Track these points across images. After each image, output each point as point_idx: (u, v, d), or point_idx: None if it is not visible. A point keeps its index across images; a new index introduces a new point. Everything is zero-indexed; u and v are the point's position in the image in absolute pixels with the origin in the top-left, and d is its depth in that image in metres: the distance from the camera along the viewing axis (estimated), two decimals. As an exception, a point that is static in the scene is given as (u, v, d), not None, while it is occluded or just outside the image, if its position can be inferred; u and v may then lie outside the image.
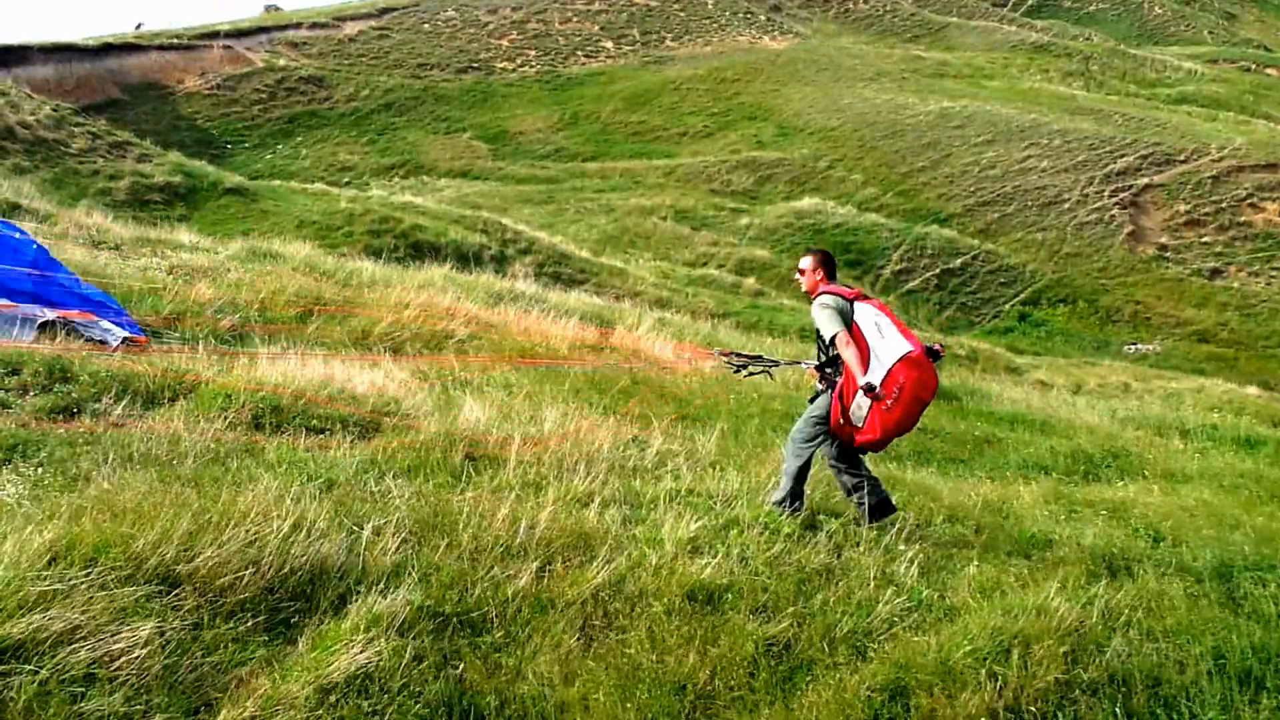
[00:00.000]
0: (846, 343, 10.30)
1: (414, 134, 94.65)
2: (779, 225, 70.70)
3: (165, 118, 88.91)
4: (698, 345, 24.52)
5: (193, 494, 8.66)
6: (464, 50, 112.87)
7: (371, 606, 7.50)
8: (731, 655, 7.82)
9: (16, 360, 12.71)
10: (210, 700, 6.56)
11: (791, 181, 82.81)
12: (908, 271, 67.10)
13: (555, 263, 46.61)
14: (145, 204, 44.75)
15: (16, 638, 6.44)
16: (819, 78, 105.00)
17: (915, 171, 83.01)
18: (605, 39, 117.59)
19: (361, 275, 25.78)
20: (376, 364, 16.11)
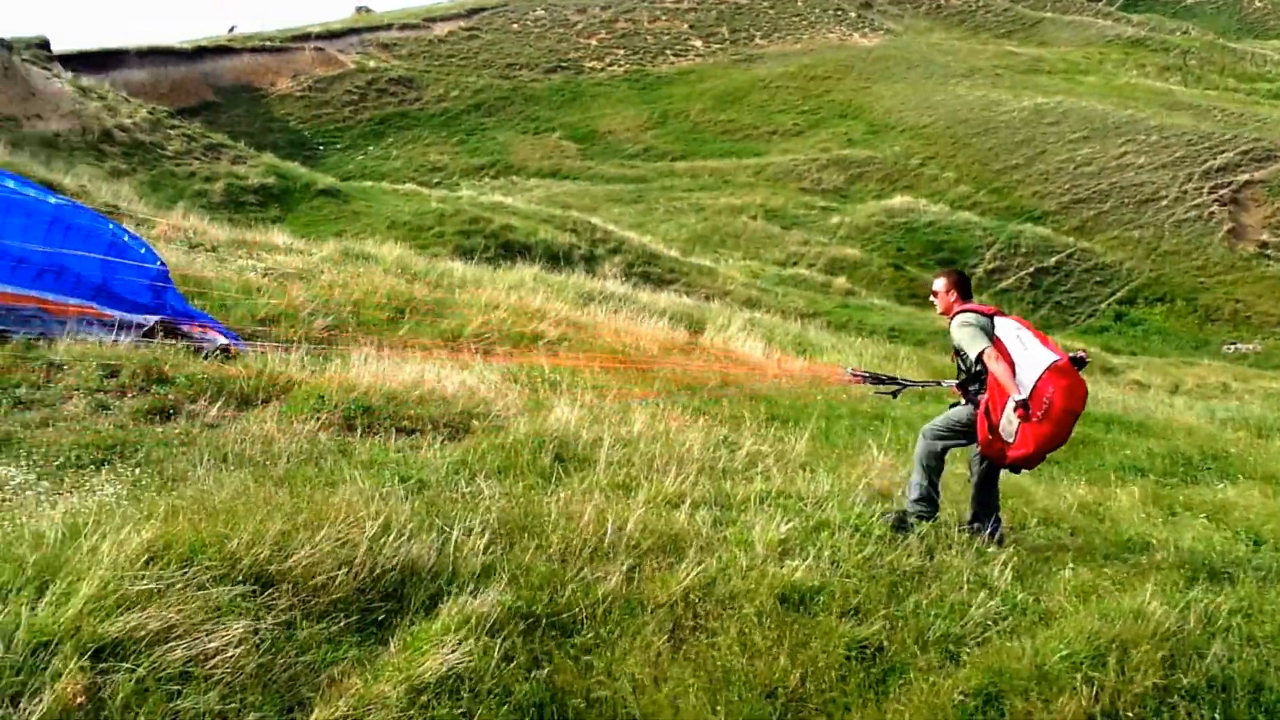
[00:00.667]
0: (996, 357, 10.19)
1: (503, 134, 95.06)
2: (870, 224, 70.38)
3: (258, 120, 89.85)
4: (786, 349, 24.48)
5: (286, 494, 8.76)
6: (553, 50, 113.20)
7: (462, 607, 7.55)
8: (822, 658, 7.80)
9: (115, 362, 12.92)
10: (303, 700, 6.65)
11: (883, 180, 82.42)
12: (1001, 270, 66.56)
13: (645, 262, 46.64)
14: (240, 206, 45.29)
15: (115, 636, 6.56)
16: (910, 74, 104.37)
17: (1009, 169, 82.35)
18: (694, 37, 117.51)
19: (452, 276, 25.95)
20: (467, 365, 16.22)
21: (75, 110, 51.93)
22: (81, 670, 6.25)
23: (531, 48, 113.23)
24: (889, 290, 57.82)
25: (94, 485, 9.75)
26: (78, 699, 6.11)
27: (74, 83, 55.15)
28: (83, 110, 52.08)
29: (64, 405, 11.84)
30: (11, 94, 51.56)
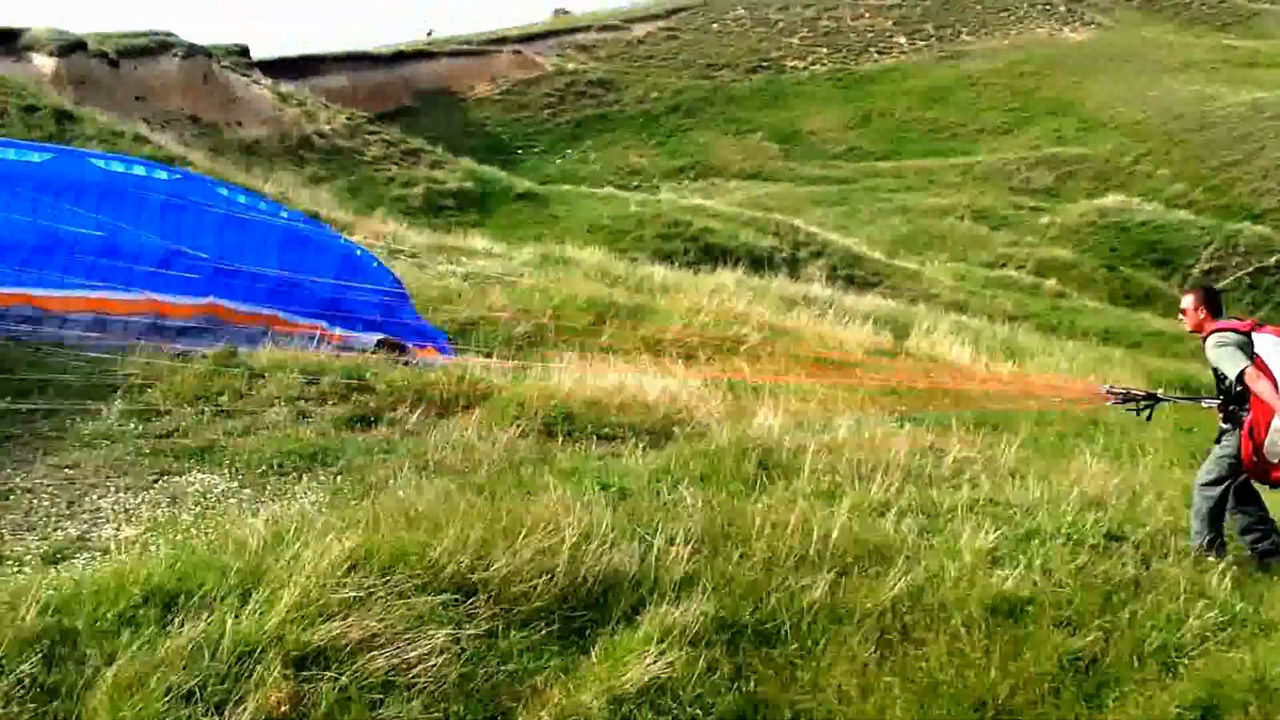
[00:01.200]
0: (1257, 376, 9.93)
1: (703, 135, 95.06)
2: (1081, 224, 68.98)
3: (456, 124, 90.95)
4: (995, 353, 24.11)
5: (486, 502, 8.85)
6: (754, 49, 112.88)
7: (664, 617, 7.55)
8: (1034, 670, 7.66)
9: (316, 370, 13.19)
10: (505, 709, 6.70)
11: (1094, 178, 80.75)
12: (1218, 270, 64.70)
13: (848, 265, 46.36)
14: (439, 210, 46.01)
15: (317, 644, 6.68)
16: (1122, 69, 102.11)
17: (1226, 166, 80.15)
18: (899, 34, 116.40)
19: (652, 280, 26.07)
20: (668, 371, 16.25)
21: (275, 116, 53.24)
22: (285, 679, 6.37)
23: (732, 47, 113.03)
24: (1101, 292, 56.64)
25: (295, 493, 9.97)
26: (281, 707, 6.22)
27: (273, 89, 56.54)
28: (282, 116, 53.38)
29: (265, 413, 12.12)
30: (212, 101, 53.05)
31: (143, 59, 52.95)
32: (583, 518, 8.52)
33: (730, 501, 10.07)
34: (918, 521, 10.18)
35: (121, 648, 6.46)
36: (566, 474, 10.49)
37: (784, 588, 8.30)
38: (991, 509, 10.74)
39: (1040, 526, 10.23)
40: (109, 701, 6.07)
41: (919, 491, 11.18)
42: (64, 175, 14.51)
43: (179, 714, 6.08)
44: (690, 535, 8.83)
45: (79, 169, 14.77)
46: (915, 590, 8.55)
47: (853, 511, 9.99)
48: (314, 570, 7.21)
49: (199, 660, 6.39)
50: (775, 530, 9.16)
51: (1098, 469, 13.05)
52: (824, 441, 12.44)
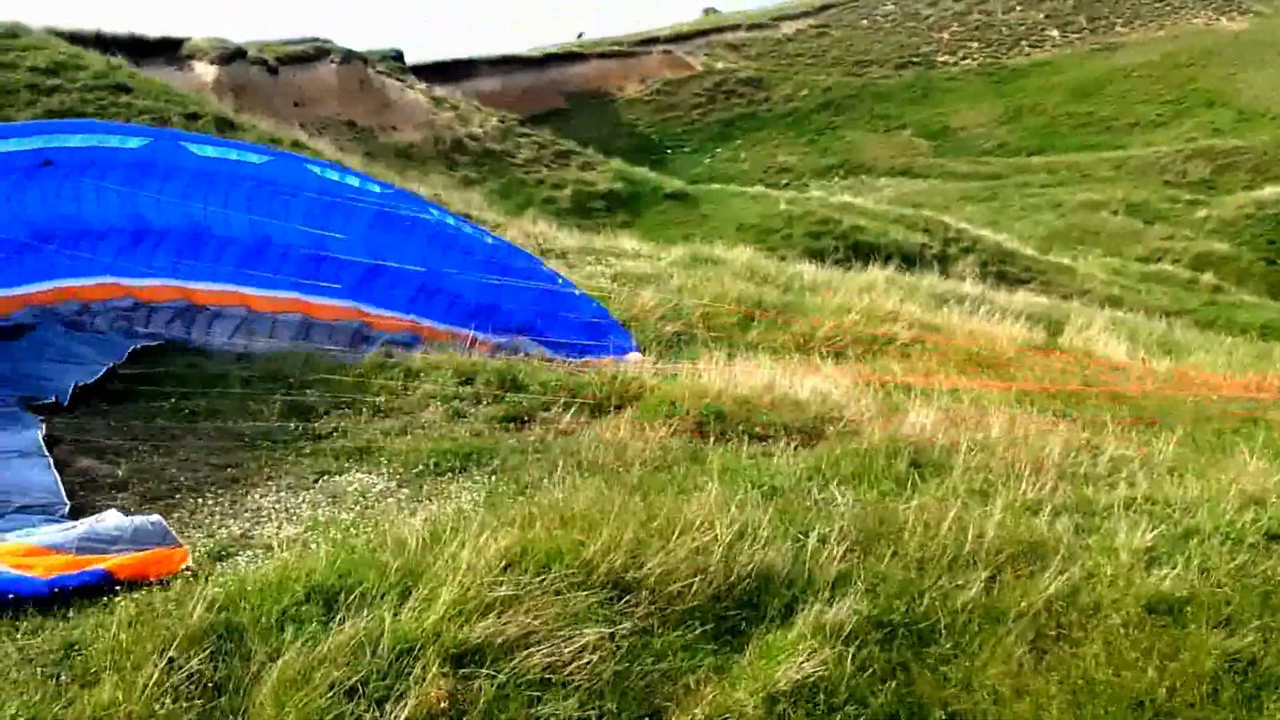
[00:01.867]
0: None
1: (852, 133, 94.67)
2: (1239, 217, 67.57)
3: (605, 125, 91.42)
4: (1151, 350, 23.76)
5: (639, 501, 8.91)
6: (903, 45, 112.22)
7: (818, 615, 7.57)
8: (1192, 671, 7.57)
9: (470, 370, 13.36)
10: (660, 707, 6.76)
11: (1253, 170, 79.06)
12: (1384, 264, 63.18)
13: (999, 261, 45.87)
14: (588, 211, 46.27)
15: (475, 641, 6.79)
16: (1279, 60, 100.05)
17: (1394, 154, 78.22)
18: (1050, 27, 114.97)
19: (801, 278, 26.01)
20: (819, 369, 16.21)
21: (428, 120, 53.88)
22: (443, 675, 6.48)
23: (881, 43, 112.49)
24: (1260, 286, 55.45)
25: (452, 492, 10.10)
26: (441, 704, 6.33)
27: (427, 93, 57.24)
28: (435, 120, 53.99)
29: (421, 413, 12.30)
30: (368, 106, 53.81)
31: (300, 66, 53.93)
32: (736, 517, 8.56)
33: (882, 500, 10.04)
34: (1073, 520, 10.08)
35: (286, 644, 6.64)
36: (719, 473, 10.51)
37: (937, 587, 8.28)
38: (1148, 507, 10.59)
39: (1199, 525, 10.07)
40: (274, 697, 6.23)
41: (1074, 490, 11.05)
42: (281, 179, 14.99)
43: (342, 710, 6.23)
44: (843, 534, 8.83)
45: (298, 173, 15.27)
46: (1071, 590, 8.48)
47: (1006, 510, 9.91)
48: (471, 569, 7.33)
49: (360, 657, 6.54)
50: (928, 529, 9.13)
51: (1258, 467, 12.80)
52: (977, 440, 12.34)
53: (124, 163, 13.95)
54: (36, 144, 12.87)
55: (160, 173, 14.22)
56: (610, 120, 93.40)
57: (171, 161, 14.27)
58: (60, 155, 13.27)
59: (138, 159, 13.98)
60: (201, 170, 14.47)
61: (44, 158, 12.95)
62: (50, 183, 13.31)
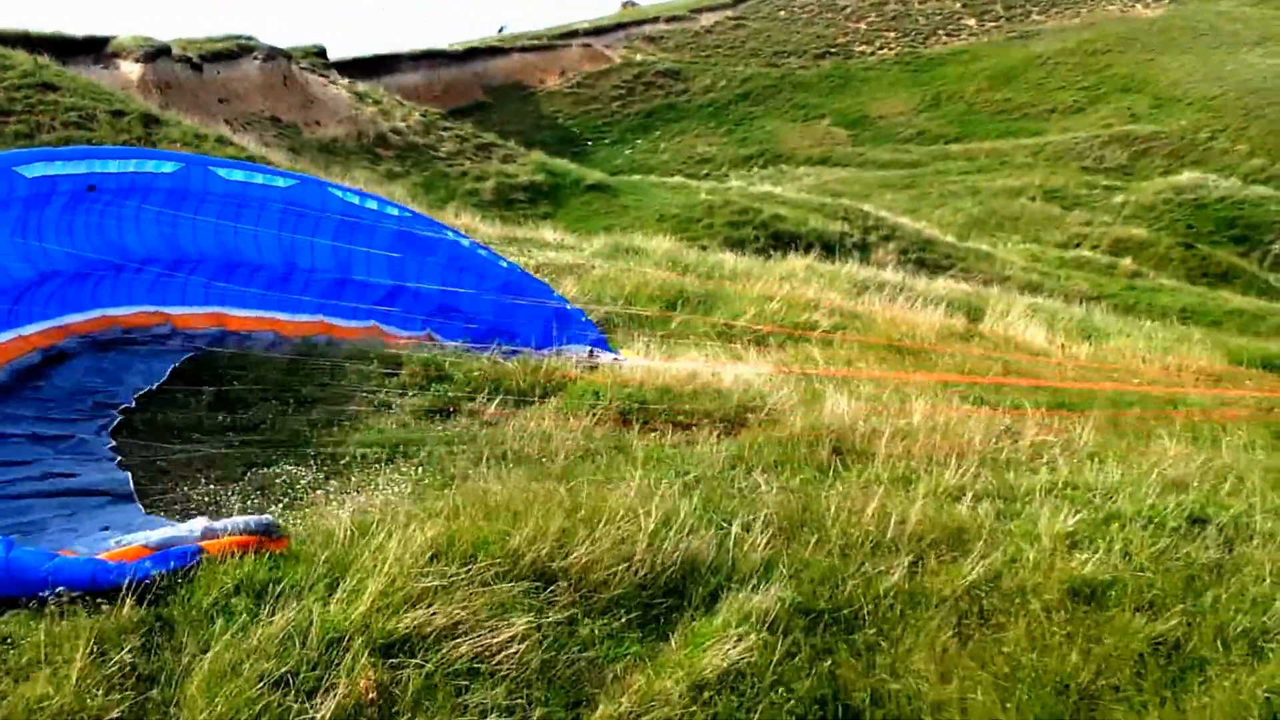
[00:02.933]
0: None
1: (771, 123, 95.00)
2: (1156, 202, 68.24)
3: (527, 117, 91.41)
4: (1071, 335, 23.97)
5: (564, 491, 8.90)
6: (821, 35, 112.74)
7: (743, 603, 7.60)
8: (1116, 654, 7.63)
9: (395, 361, 13.31)
10: (587, 696, 6.77)
11: (1169, 155, 79.96)
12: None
13: (919, 249, 46.12)
14: (510, 203, 46.18)
15: (403, 632, 6.79)
16: (1197, 45, 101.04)
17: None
18: (967, 16, 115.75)
19: (722, 268, 26.05)
20: (740, 358, 16.26)
21: (351, 115, 53.65)
22: (372, 666, 6.47)
23: (799, 34, 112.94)
24: (1179, 270, 56.04)
25: (379, 484, 10.07)
26: (369, 694, 6.32)
27: (350, 88, 57.00)
28: (358, 115, 53.77)
29: (347, 405, 12.24)
30: (291, 101, 53.53)
31: (225, 63, 53.63)
32: (660, 506, 8.57)
33: (805, 488, 10.09)
34: (995, 506, 10.14)
35: (216, 636, 6.63)
36: (642, 462, 10.52)
37: (861, 573, 8.32)
38: (1070, 492, 10.67)
39: (1120, 510, 10.14)
40: (205, 688, 6.22)
41: (996, 475, 11.12)
42: (306, 203, 14.96)
43: (271, 700, 6.21)
44: (767, 522, 8.87)
45: (321, 196, 15.22)
46: (994, 575, 8.53)
47: (928, 496, 9.98)
48: (398, 560, 7.33)
49: (290, 648, 6.54)
50: (851, 516, 9.18)
51: (1179, 451, 12.94)
52: (899, 427, 12.41)
53: (161, 188, 13.83)
54: (81, 169, 12.76)
55: (194, 198, 14.15)
56: (531, 113, 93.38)
57: (203, 187, 14.16)
58: (103, 181, 13.16)
59: (173, 184, 13.88)
60: (230, 194, 14.39)
61: (89, 183, 12.84)
62: (95, 209, 13.18)
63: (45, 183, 12.09)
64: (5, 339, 11.97)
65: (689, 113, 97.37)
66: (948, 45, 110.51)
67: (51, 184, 12.21)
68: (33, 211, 12.17)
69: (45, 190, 12.16)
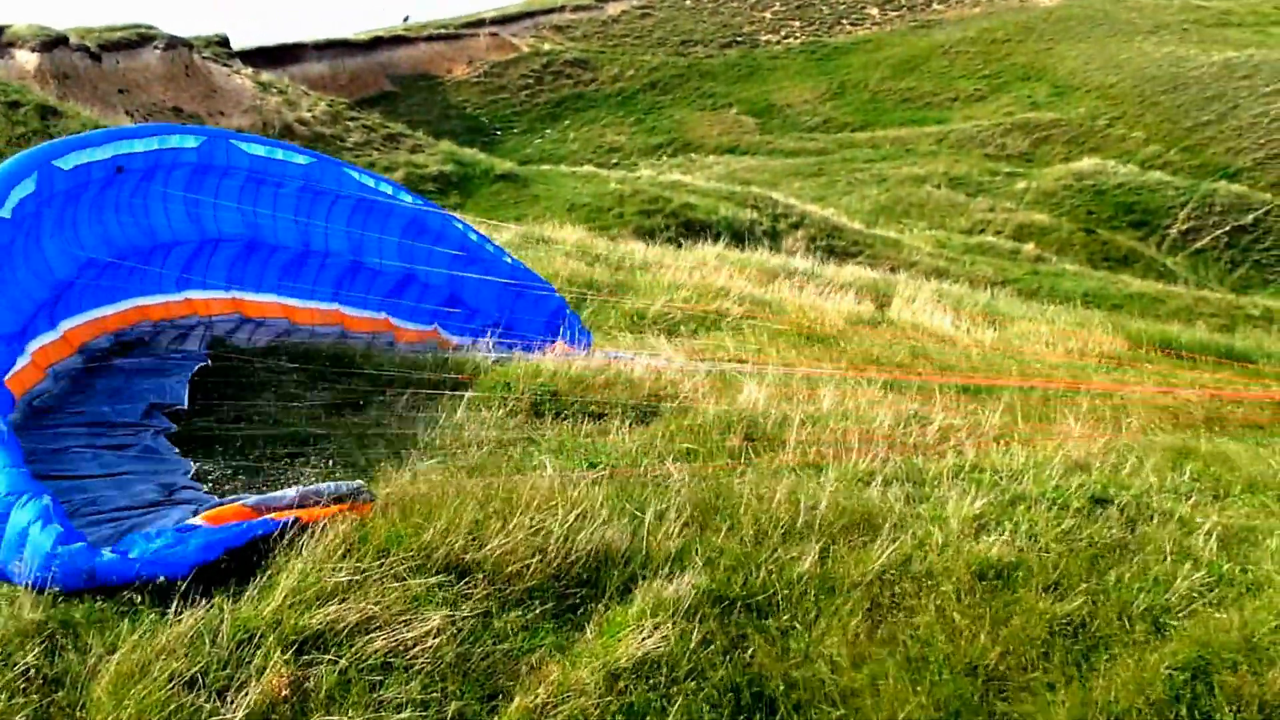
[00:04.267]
0: None
1: (680, 112, 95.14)
2: (1057, 188, 69.10)
3: (435, 107, 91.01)
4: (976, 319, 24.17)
5: (477, 483, 8.86)
6: (727, 25, 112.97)
7: (657, 592, 7.58)
8: (1023, 635, 7.70)
9: (305, 354, 13.20)
10: (503, 688, 6.74)
11: (1069, 142, 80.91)
12: (1196, 230, 64.87)
13: (828, 236, 46.37)
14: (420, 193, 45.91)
15: (316, 628, 6.73)
16: (1094, 33, 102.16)
17: (1200, 126, 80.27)
18: (870, 5, 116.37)
19: (633, 257, 26.08)
20: (651, 347, 16.26)
21: (256, 105, 53.17)
22: (285, 663, 6.41)
23: (706, 23, 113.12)
24: (1080, 255, 56.76)
25: (288, 478, 9.96)
26: (282, 691, 6.25)
27: (254, 78, 56.49)
28: (263, 105, 53.31)
29: (258, 399, 12.12)
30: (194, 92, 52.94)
31: (124, 52, 52.88)
32: (573, 496, 8.55)
33: (717, 476, 10.10)
34: (904, 490, 10.21)
35: (123, 637, 6.52)
36: (555, 452, 10.52)
37: (774, 559, 8.33)
38: (977, 476, 10.76)
39: (1025, 492, 10.24)
40: (112, 690, 6.12)
41: (904, 460, 11.20)
42: (324, 181, 15.04)
43: (182, 701, 6.13)
44: (679, 510, 8.85)
45: (337, 176, 15.28)
46: (903, 559, 8.57)
47: (839, 482, 10.03)
48: (310, 555, 7.25)
49: (200, 647, 6.46)
50: (762, 502, 9.18)
51: (1082, 433, 13.09)
52: (809, 413, 12.46)
53: (186, 163, 13.74)
54: (109, 153, 12.56)
55: (217, 173, 14.09)
56: (439, 103, 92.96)
57: (225, 161, 14.11)
58: (131, 162, 12.92)
59: (199, 160, 13.82)
60: (253, 169, 14.37)
61: (117, 164, 12.63)
62: (124, 192, 12.94)
63: (82, 172, 11.87)
64: (49, 340, 11.71)
65: (598, 102, 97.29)
66: (852, 34, 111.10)
67: (87, 172, 11.98)
68: (69, 205, 11.95)
69: (82, 180, 11.93)
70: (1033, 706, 7.13)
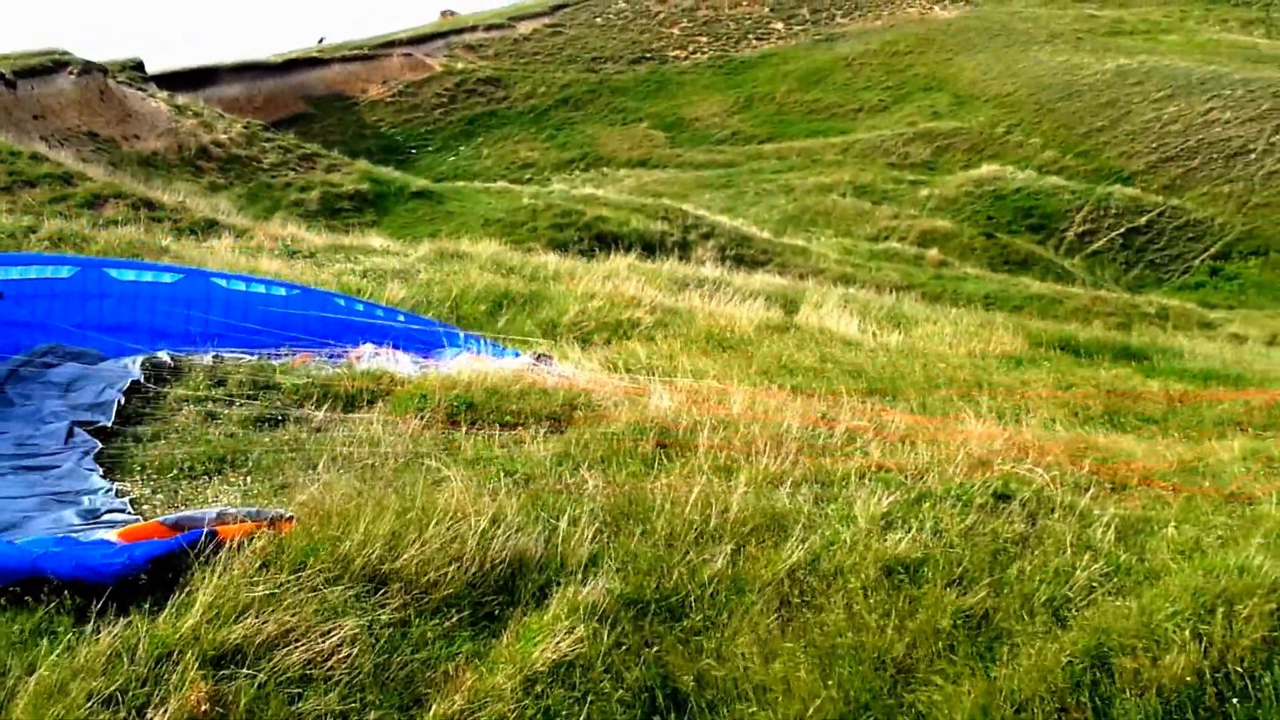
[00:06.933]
0: None
1: (591, 127, 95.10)
2: (959, 194, 69.64)
3: (350, 127, 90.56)
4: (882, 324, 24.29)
5: (394, 494, 8.81)
6: (636, 41, 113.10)
7: (571, 596, 7.59)
8: (929, 628, 7.77)
9: (222, 373, 13.07)
10: (420, 696, 6.70)
11: (970, 150, 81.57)
12: (1092, 233, 65.57)
13: (737, 245, 46.47)
14: (336, 212, 45.69)
15: (234, 642, 6.66)
16: (992, 44, 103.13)
17: (1095, 131, 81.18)
18: (775, 20, 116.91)
19: (547, 269, 26.01)
20: (565, 356, 16.23)
21: (171, 129, 52.62)
22: (203, 678, 6.33)
23: (615, 40, 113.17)
24: (982, 259, 57.28)
25: (207, 496, 9.85)
26: (201, 706, 6.18)
27: (169, 101, 55.91)
28: (179, 128, 52.77)
29: (175, 418, 11.98)
30: (109, 116, 52.34)
31: (39, 78, 52.14)
32: (489, 505, 8.53)
33: (630, 481, 10.09)
34: (812, 491, 10.25)
35: (41, 656, 6.41)
36: (471, 463, 10.48)
37: (686, 562, 8.35)
38: (883, 475, 10.81)
39: (930, 489, 10.31)
40: (31, 710, 6.04)
41: (813, 461, 11.23)
42: (193, 296, 15.36)
43: (101, 718, 6.04)
44: (594, 516, 8.87)
45: (205, 288, 15.62)
46: (813, 557, 8.62)
47: (750, 484, 10.05)
48: (227, 571, 7.17)
49: (118, 665, 6.38)
50: (675, 507, 9.20)
51: (983, 431, 13.18)
52: (720, 418, 12.47)
53: (60, 292, 14.11)
54: None
55: (94, 297, 14.50)
56: (354, 123, 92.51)
57: (98, 289, 14.52)
58: (6, 288, 13.44)
59: (70, 288, 14.27)
60: (125, 294, 14.77)
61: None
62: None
63: None
64: None
65: (511, 119, 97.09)
66: (758, 49, 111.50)
67: None
68: None
69: None
70: (939, 696, 7.19)
